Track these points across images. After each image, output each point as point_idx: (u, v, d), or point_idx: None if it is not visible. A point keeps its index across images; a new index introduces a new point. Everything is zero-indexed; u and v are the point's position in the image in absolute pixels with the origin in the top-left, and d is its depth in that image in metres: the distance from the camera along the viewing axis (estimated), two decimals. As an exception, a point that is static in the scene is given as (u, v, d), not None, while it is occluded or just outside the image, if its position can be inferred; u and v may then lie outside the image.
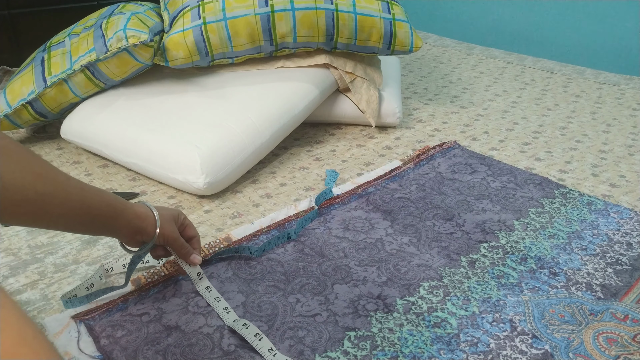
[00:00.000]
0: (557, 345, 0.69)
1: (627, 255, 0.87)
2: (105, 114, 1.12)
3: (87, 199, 0.61)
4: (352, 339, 0.70)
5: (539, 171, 1.13)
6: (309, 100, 1.19)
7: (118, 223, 0.65)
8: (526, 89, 1.60)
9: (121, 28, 1.11)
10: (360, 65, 1.30)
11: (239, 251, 0.85)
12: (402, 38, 1.27)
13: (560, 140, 1.27)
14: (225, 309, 0.72)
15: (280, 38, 1.20)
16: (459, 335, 0.71)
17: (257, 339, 0.67)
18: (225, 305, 0.73)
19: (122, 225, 0.66)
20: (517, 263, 0.85)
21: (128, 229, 0.67)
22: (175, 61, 1.16)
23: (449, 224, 0.94)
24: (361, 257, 0.85)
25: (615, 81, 1.65)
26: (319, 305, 0.75)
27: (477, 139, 1.28)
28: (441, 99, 1.52)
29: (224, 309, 0.72)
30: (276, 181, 1.09)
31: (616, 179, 1.10)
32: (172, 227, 0.72)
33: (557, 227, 0.94)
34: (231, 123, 1.05)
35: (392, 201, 1.01)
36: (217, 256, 0.84)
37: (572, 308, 0.76)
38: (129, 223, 0.67)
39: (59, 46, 1.19)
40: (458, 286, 0.79)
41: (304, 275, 0.81)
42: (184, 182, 0.99)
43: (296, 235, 0.90)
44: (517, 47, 2.03)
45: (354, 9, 1.22)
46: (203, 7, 1.16)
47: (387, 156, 1.19)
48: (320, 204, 0.99)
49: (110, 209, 0.64)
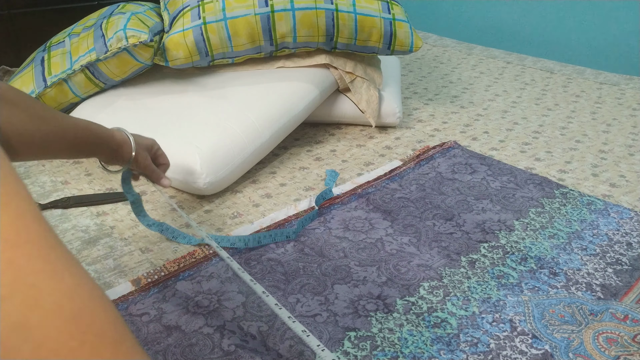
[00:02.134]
0: (557, 345, 0.69)
1: (627, 255, 0.87)
2: (105, 114, 1.12)
3: (79, 132, 0.70)
4: (352, 339, 0.70)
5: (539, 171, 1.13)
6: (309, 100, 1.19)
7: (101, 149, 0.75)
8: (526, 89, 1.60)
9: (121, 28, 1.11)
10: (360, 65, 1.30)
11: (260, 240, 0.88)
12: (402, 38, 1.27)
13: (560, 140, 1.27)
14: (275, 305, 0.67)
15: (280, 38, 1.20)
16: (459, 336, 0.71)
17: (304, 335, 0.66)
18: (275, 301, 0.67)
19: (104, 150, 0.75)
20: (517, 263, 0.85)
21: (108, 152, 0.76)
22: (175, 61, 1.16)
23: (449, 224, 0.94)
24: (361, 257, 0.85)
25: (615, 81, 1.65)
26: (319, 305, 0.75)
27: (477, 139, 1.28)
28: (441, 99, 1.52)
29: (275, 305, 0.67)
30: (276, 181, 1.09)
31: (616, 179, 1.10)
32: (145, 153, 0.81)
33: (557, 227, 0.94)
34: (231, 123, 1.05)
35: (392, 201, 1.01)
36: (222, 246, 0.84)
37: (572, 308, 0.76)
38: (109, 148, 0.75)
39: (59, 46, 1.19)
40: (458, 286, 0.79)
41: (304, 276, 0.81)
42: (184, 182, 0.99)
43: (296, 235, 0.90)
44: (517, 47, 2.03)
45: (354, 9, 1.22)
46: (203, 7, 1.16)
47: (387, 156, 1.19)
48: (320, 204, 0.99)
49: (96, 138, 0.73)
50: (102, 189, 1.05)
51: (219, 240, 0.88)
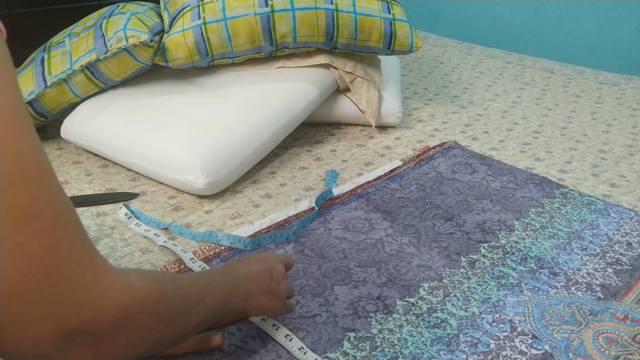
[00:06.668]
0: (556, 345, 0.70)
1: (627, 255, 0.87)
2: (105, 114, 1.12)
3: None
4: (351, 339, 0.70)
5: (539, 171, 1.13)
6: (309, 100, 1.19)
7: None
8: (526, 89, 1.59)
9: (121, 28, 1.10)
10: (360, 65, 1.30)
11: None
12: (402, 38, 1.27)
13: (560, 140, 1.27)
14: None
15: (280, 38, 1.20)
16: (459, 336, 0.71)
17: (287, 340, 0.68)
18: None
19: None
20: (517, 263, 0.85)
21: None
22: (175, 61, 1.16)
23: (449, 224, 0.94)
24: (361, 258, 0.85)
25: (615, 81, 1.64)
26: (319, 306, 0.75)
27: (477, 139, 1.28)
28: (441, 99, 1.52)
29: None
30: (276, 181, 1.09)
31: (616, 179, 1.10)
32: None
33: (557, 227, 0.94)
34: (231, 123, 1.05)
35: (392, 201, 1.01)
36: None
37: (572, 308, 0.76)
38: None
39: (59, 46, 1.19)
40: (458, 287, 0.80)
41: (304, 277, 0.81)
42: (184, 182, 0.99)
43: (295, 236, 0.90)
44: (517, 47, 2.03)
45: (354, 9, 1.22)
46: (203, 7, 1.16)
47: (387, 156, 1.19)
48: (320, 205, 0.99)
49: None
50: (102, 189, 1.05)
51: (219, 237, 0.88)
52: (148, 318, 0.43)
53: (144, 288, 0.43)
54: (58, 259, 0.35)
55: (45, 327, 0.34)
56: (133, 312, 0.40)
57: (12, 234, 0.32)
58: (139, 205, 1.00)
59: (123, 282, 0.40)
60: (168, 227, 0.92)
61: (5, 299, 0.33)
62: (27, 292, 0.33)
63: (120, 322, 0.39)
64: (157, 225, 0.92)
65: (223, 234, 0.88)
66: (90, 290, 0.37)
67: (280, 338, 0.68)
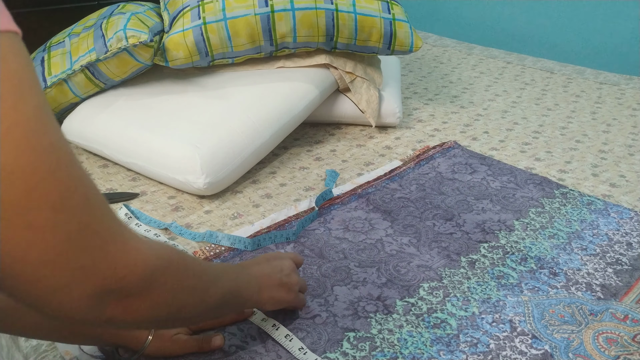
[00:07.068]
0: (556, 345, 0.70)
1: (627, 255, 0.87)
2: (105, 114, 1.12)
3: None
4: (351, 340, 0.70)
5: (539, 171, 1.13)
6: (309, 100, 1.19)
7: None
8: (526, 89, 1.59)
9: (121, 28, 1.10)
10: (360, 65, 1.30)
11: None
12: (402, 38, 1.27)
13: (560, 140, 1.27)
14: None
15: (280, 38, 1.20)
16: (459, 336, 0.71)
17: (287, 340, 0.68)
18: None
19: None
20: (517, 263, 0.85)
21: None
22: (175, 61, 1.16)
23: (449, 224, 0.94)
24: (361, 258, 0.85)
25: (615, 81, 1.64)
26: (319, 307, 0.75)
27: (477, 139, 1.28)
28: (441, 99, 1.52)
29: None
30: (276, 181, 1.09)
31: (616, 179, 1.10)
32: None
33: (557, 227, 0.94)
34: (231, 123, 1.05)
35: (392, 201, 1.01)
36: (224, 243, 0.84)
37: (572, 308, 0.76)
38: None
39: (59, 46, 1.19)
40: (458, 287, 0.80)
41: (304, 277, 0.81)
42: (184, 182, 0.99)
43: (295, 236, 0.90)
44: (517, 47, 2.03)
45: (354, 9, 1.22)
46: (203, 7, 1.16)
47: (387, 156, 1.19)
48: (320, 205, 0.99)
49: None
50: (102, 189, 1.05)
51: (219, 238, 0.88)
52: (171, 282, 0.48)
53: (167, 255, 0.48)
54: (92, 231, 0.40)
55: (83, 290, 0.40)
56: (157, 273, 0.46)
57: (52, 215, 0.37)
58: (139, 205, 1.00)
59: (149, 247, 0.45)
60: (168, 228, 0.92)
61: (49, 270, 0.38)
62: (67, 262, 0.38)
63: (148, 280, 0.44)
64: (157, 225, 0.93)
65: (223, 235, 0.88)
66: (122, 253, 0.42)
67: (280, 338, 0.68)
